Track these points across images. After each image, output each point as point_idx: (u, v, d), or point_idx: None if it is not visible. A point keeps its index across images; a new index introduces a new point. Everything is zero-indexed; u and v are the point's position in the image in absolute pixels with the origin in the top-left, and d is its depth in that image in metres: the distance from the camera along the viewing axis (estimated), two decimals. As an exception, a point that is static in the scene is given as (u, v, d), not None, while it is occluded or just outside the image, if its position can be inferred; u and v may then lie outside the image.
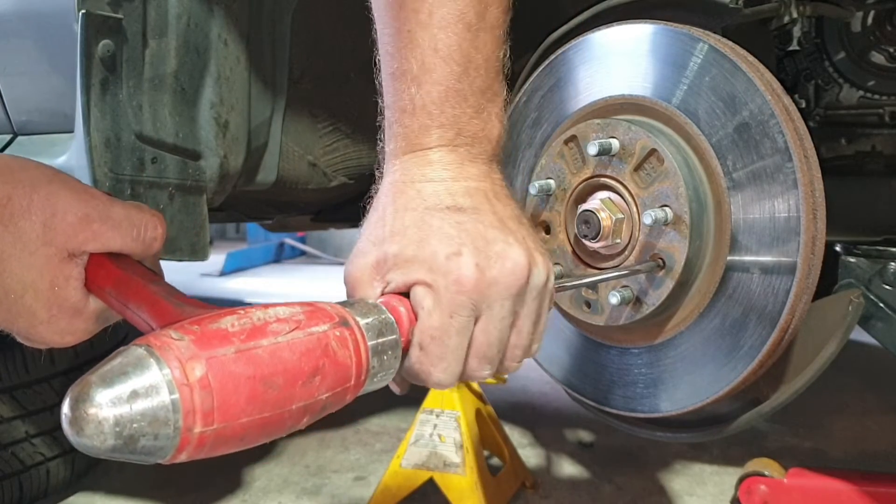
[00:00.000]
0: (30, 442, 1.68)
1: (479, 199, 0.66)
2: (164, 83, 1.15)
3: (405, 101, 0.67)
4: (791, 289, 0.86)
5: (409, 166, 0.67)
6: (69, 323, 0.66)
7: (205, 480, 1.88)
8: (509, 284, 0.64)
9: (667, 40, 0.95)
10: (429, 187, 0.66)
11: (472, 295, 0.63)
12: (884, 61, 1.39)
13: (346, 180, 1.58)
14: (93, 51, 1.05)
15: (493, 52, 0.68)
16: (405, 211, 0.65)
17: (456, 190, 0.66)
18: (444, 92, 0.66)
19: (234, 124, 1.26)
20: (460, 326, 0.63)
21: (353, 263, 0.67)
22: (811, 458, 1.99)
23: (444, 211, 0.65)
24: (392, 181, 0.68)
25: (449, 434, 1.60)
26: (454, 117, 0.66)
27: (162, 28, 1.13)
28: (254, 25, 1.27)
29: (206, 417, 0.48)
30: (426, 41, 0.65)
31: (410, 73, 0.66)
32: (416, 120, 0.66)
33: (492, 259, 0.64)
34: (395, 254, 0.64)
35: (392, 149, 0.69)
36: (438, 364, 0.64)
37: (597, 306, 0.97)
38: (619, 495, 1.79)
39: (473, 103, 0.67)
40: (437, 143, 0.66)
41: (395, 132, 0.68)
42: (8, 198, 0.62)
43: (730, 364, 0.91)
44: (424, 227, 0.64)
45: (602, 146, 0.92)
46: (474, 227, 0.64)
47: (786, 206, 0.86)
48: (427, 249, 0.63)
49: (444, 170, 0.66)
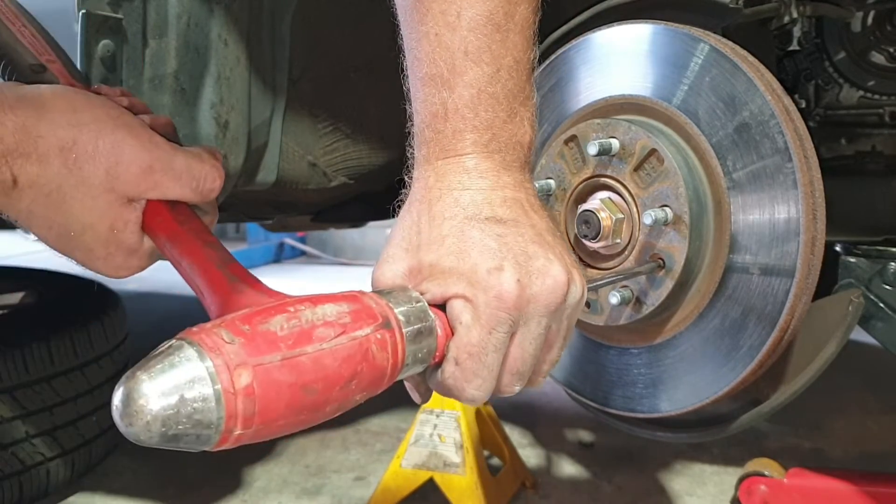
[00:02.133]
0: (30, 442, 1.67)
1: (518, 210, 0.65)
2: (164, 83, 1.15)
3: (436, 106, 0.65)
4: (791, 289, 0.86)
5: (445, 172, 0.65)
6: (124, 260, 0.70)
7: (205, 480, 1.88)
8: (549, 302, 0.63)
9: (667, 40, 0.95)
10: (466, 196, 0.64)
11: (512, 311, 0.61)
12: (884, 61, 1.38)
13: (346, 180, 1.58)
14: (93, 51, 1.05)
15: (524, 53, 0.66)
16: (443, 219, 0.63)
17: (494, 200, 0.64)
18: (477, 95, 0.64)
19: (234, 124, 1.26)
20: (498, 343, 0.62)
21: (382, 270, 0.66)
22: (811, 458, 1.99)
23: (484, 222, 0.63)
24: (426, 186, 0.66)
25: (449, 434, 1.60)
26: (488, 121, 0.64)
27: (162, 28, 1.13)
28: (254, 25, 1.27)
29: (247, 422, 0.50)
30: (455, 44, 0.63)
31: (441, 77, 0.64)
32: (448, 124, 0.64)
33: (533, 275, 0.62)
34: (431, 263, 0.63)
35: (424, 154, 0.67)
36: (473, 380, 0.63)
37: (596, 306, 0.97)
38: (619, 495, 1.79)
39: (506, 107, 0.65)
40: (471, 149, 0.64)
41: (427, 137, 0.66)
42: (73, 141, 0.63)
43: (729, 364, 0.91)
44: (464, 238, 0.62)
45: (602, 146, 0.92)
46: (515, 240, 0.62)
47: (785, 207, 0.86)
48: (467, 262, 0.61)
49: (480, 178, 0.64)
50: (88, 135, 0.64)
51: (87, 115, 0.65)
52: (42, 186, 0.63)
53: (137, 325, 2.61)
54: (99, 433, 1.86)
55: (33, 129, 0.62)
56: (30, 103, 0.63)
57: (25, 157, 0.61)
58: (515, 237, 0.63)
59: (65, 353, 1.74)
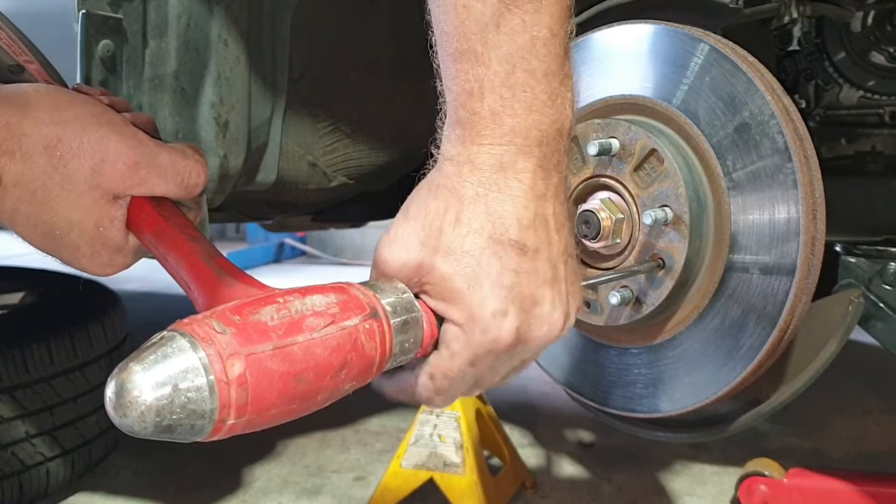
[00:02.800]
0: (30, 442, 1.67)
1: (542, 234, 0.62)
2: (164, 83, 1.15)
3: (471, 83, 0.60)
4: (791, 289, 0.86)
5: (480, 165, 0.61)
6: (110, 258, 0.70)
7: (205, 480, 1.88)
8: (540, 345, 0.64)
9: (667, 40, 0.95)
10: (498, 205, 0.61)
11: (502, 355, 0.62)
12: (884, 61, 1.38)
13: (346, 180, 1.58)
14: (93, 51, 1.05)
15: (561, 24, 0.62)
16: (469, 230, 0.60)
17: (524, 217, 0.61)
18: (513, 71, 0.59)
19: (234, 124, 1.26)
20: (476, 374, 0.64)
21: (395, 252, 0.63)
22: (811, 458, 1.99)
23: (507, 248, 0.60)
24: (460, 175, 0.61)
25: (449, 434, 1.60)
26: (527, 103, 0.60)
27: (162, 28, 1.13)
28: (254, 25, 1.27)
29: (240, 411, 0.50)
30: (487, 15, 0.58)
31: (473, 52, 0.59)
32: (485, 104, 0.60)
33: (533, 323, 0.62)
34: (442, 275, 0.61)
35: (459, 134, 0.62)
36: (443, 395, 0.64)
37: (596, 306, 0.97)
38: (619, 495, 1.79)
39: (545, 86, 0.61)
40: (510, 138, 0.60)
41: (461, 117, 0.61)
42: (58, 139, 0.63)
43: (729, 364, 0.91)
44: (482, 264, 0.60)
45: (602, 146, 0.92)
46: (528, 283, 0.61)
47: (785, 207, 0.86)
48: (477, 295, 0.60)
49: (517, 180, 0.61)
50: (73, 132, 0.64)
51: (71, 113, 0.65)
52: (27, 185, 0.62)
53: (137, 325, 2.61)
54: (99, 433, 1.86)
55: (17, 127, 0.61)
56: (12, 101, 0.63)
57: (9, 156, 0.61)
58: (529, 277, 0.61)
59: (65, 353, 1.74)
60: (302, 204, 1.86)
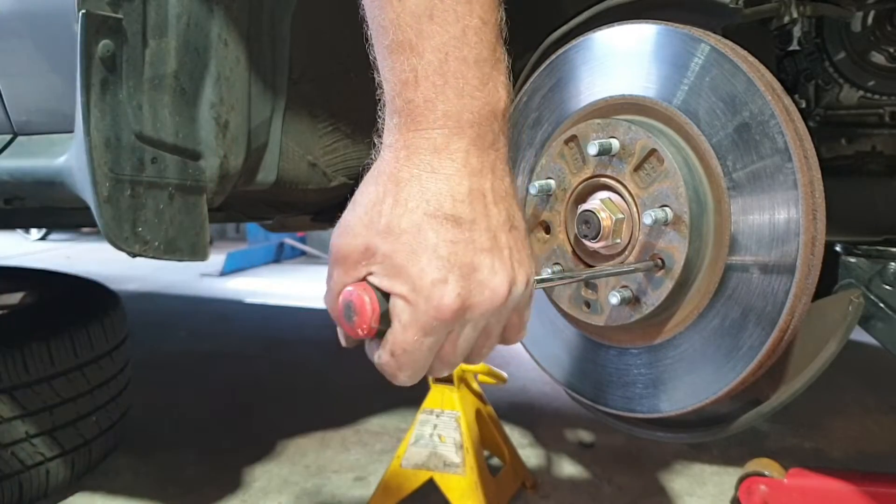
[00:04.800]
0: (30, 442, 1.68)
1: (478, 206, 0.66)
2: (164, 83, 1.15)
3: (406, 74, 0.64)
4: (790, 289, 0.86)
5: (416, 149, 0.65)
6: None
7: (205, 480, 1.88)
8: (485, 310, 0.67)
9: (667, 40, 0.95)
10: (432, 184, 0.65)
11: (448, 322, 0.65)
12: (884, 61, 1.38)
13: (346, 180, 1.58)
14: (93, 51, 1.05)
15: (491, 13, 0.65)
16: (405, 209, 0.65)
17: (458, 193, 0.65)
18: (445, 59, 0.63)
19: (234, 124, 1.26)
20: (431, 344, 0.67)
21: (342, 239, 0.68)
22: (811, 458, 1.99)
23: (443, 222, 0.64)
24: (396, 160, 0.66)
25: (449, 434, 1.60)
26: (458, 89, 0.64)
27: (162, 28, 1.13)
28: (254, 25, 1.27)
29: None
30: (421, 7, 0.62)
31: (409, 43, 0.63)
32: (419, 92, 0.64)
33: (474, 288, 0.65)
34: (384, 253, 0.65)
35: (396, 123, 0.66)
36: (405, 370, 0.68)
37: (596, 306, 0.97)
38: (619, 495, 1.79)
39: (477, 72, 0.64)
40: (442, 122, 0.64)
41: (398, 106, 0.65)
42: None
43: (729, 364, 0.91)
44: (419, 239, 0.64)
45: (602, 146, 0.92)
46: (465, 250, 0.65)
47: (785, 207, 0.86)
48: (416, 266, 0.64)
49: (450, 159, 0.65)
50: None
51: None
52: None
53: (137, 325, 2.61)
54: (99, 433, 1.86)
55: None
56: None
57: None
58: (466, 246, 0.65)
59: (65, 353, 1.74)
60: (302, 204, 1.86)
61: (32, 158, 1.26)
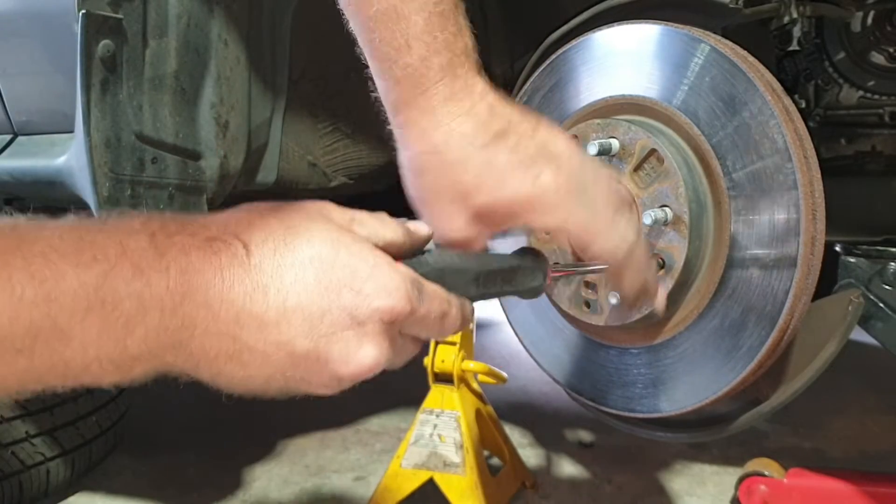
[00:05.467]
0: (30, 442, 1.68)
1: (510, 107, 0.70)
2: (164, 83, 1.15)
3: (398, 40, 0.66)
4: (790, 289, 0.86)
5: (429, 110, 0.68)
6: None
7: (205, 480, 1.88)
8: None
9: (667, 41, 0.95)
10: (461, 125, 0.68)
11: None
12: (884, 61, 1.39)
13: (346, 180, 1.58)
14: (93, 51, 1.05)
15: None
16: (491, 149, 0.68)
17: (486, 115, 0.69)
18: (429, 18, 0.66)
19: (234, 124, 1.26)
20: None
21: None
22: (811, 458, 1.99)
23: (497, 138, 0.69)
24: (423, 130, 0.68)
25: (449, 434, 1.60)
26: (445, 41, 0.67)
27: (162, 28, 1.13)
28: (254, 25, 1.27)
29: None
30: None
31: (394, 9, 0.65)
32: (413, 54, 0.66)
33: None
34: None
35: (399, 95, 0.68)
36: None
37: (596, 306, 0.97)
38: (619, 495, 1.79)
39: (453, 21, 0.67)
40: (440, 75, 0.67)
41: (397, 76, 0.67)
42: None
43: (729, 364, 0.91)
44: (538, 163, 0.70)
45: (602, 146, 0.92)
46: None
47: (785, 207, 0.86)
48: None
49: (458, 105, 0.68)
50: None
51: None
52: None
53: (137, 325, 2.60)
54: (99, 433, 1.86)
55: None
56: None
57: None
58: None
59: (65, 353, 1.74)
60: (302, 204, 1.86)
61: (33, 158, 1.26)
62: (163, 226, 0.53)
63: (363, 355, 0.58)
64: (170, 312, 0.51)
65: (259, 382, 0.57)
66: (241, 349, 0.55)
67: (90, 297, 0.48)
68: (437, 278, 0.65)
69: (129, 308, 0.49)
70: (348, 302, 0.56)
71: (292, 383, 0.59)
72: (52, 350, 0.47)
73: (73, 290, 0.47)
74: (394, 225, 0.64)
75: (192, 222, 0.55)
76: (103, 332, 0.49)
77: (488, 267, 0.70)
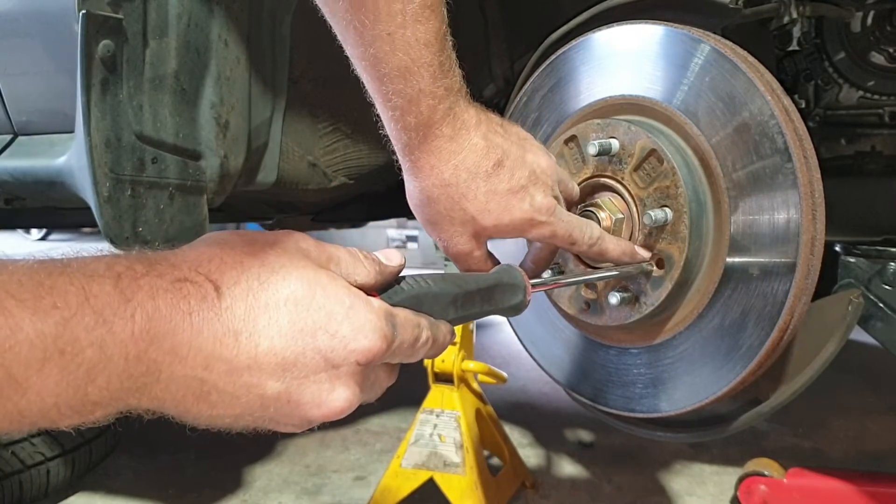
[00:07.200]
0: (30, 442, 1.68)
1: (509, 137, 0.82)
2: (164, 83, 1.15)
3: (409, 93, 0.73)
4: (790, 289, 0.86)
5: (443, 156, 0.77)
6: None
7: (205, 480, 1.88)
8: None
9: (667, 41, 0.95)
10: (466, 156, 0.78)
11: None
12: (884, 61, 1.39)
13: (346, 180, 1.58)
14: (93, 51, 1.05)
15: (444, 22, 0.75)
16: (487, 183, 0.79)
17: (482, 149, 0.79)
18: (434, 71, 0.73)
19: (235, 124, 1.26)
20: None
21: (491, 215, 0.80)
22: (811, 458, 1.99)
23: (494, 169, 0.79)
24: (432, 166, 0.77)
25: (449, 434, 1.60)
26: (446, 87, 0.75)
27: (162, 28, 1.13)
28: (254, 26, 1.27)
29: None
30: (410, 35, 0.71)
31: (408, 67, 0.72)
32: (424, 102, 0.74)
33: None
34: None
35: (411, 138, 0.76)
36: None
37: (596, 306, 0.97)
38: (619, 495, 1.79)
39: (449, 64, 0.75)
40: (441, 116, 0.75)
41: (409, 123, 0.75)
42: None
43: (729, 364, 0.91)
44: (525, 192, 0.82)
45: (602, 146, 0.92)
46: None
47: (785, 207, 0.86)
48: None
49: (459, 139, 0.77)
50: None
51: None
52: None
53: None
54: (99, 433, 1.86)
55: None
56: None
57: None
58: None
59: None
60: (302, 204, 1.86)
61: (33, 158, 1.26)
62: (129, 267, 0.51)
63: (335, 398, 0.58)
64: (134, 359, 0.50)
65: (227, 421, 0.57)
66: (210, 390, 0.54)
67: (48, 347, 0.46)
68: (415, 305, 0.64)
69: (90, 356, 0.48)
70: (324, 345, 0.56)
71: (261, 423, 0.58)
72: (5, 399, 0.46)
73: (30, 340, 0.45)
74: (367, 262, 0.63)
75: (160, 262, 0.53)
76: (62, 381, 0.47)
77: (465, 288, 0.69)
